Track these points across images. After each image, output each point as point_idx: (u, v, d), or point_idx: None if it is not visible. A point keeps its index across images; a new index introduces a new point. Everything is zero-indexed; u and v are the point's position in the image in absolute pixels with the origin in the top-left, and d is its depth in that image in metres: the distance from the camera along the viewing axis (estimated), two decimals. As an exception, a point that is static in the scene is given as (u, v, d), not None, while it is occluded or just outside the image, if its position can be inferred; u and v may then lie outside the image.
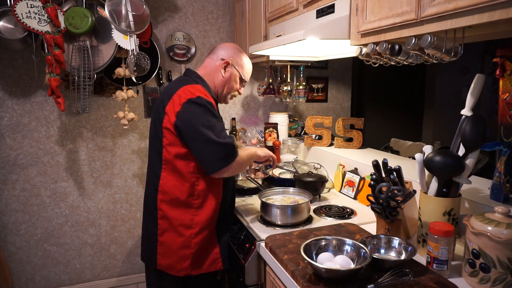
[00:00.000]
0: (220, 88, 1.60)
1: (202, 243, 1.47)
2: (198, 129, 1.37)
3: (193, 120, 1.37)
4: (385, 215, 1.29)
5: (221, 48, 1.62)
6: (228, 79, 1.58)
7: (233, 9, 2.82)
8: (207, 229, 1.48)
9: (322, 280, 1.06)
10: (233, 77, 1.60)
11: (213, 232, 1.51)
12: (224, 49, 1.61)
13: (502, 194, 1.31)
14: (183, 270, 1.46)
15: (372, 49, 1.36)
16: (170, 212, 1.45)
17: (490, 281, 1.01)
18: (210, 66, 1.59)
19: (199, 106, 1.39)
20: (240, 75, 1.61)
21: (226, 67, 1.57)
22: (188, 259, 1.45)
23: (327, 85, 3.22)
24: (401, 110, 3.97)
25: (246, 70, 1.65)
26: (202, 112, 1.39)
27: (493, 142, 1.40)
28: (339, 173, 2.02)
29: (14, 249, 2.50)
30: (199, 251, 1.47)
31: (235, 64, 1.59)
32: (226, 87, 1.60)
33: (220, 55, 1.59)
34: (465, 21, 0.98)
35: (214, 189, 1.48)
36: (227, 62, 1.57)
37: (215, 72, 1.58)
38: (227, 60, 1.57)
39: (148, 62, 2.33)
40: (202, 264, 1.49)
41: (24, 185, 2.47)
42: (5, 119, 2.38)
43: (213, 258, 1.51)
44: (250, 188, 1.95)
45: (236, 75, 1.60)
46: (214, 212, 1.49)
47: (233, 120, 2.90)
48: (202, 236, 1.46)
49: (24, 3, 1.98)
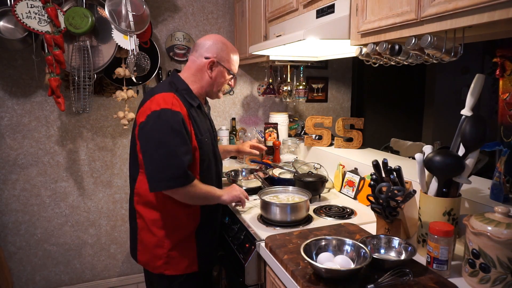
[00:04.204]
0: (209, 87, 1.54)
1: (177, 245, 1.48)
2: (150, 143, 1.35)
3: (148, 133, 1.36)
4: (385, 215, 1.29)
5: (203, 44, 1.52)
6: (215, 78, 1.52)
7: (233, 9, 2.82)
8: (182, 231, 1.50)
9: (322, 280, 1.06)
10: (221, 74, 1.53)
11: (191, 235, 1.52)
12: (206, 45, 1.51)
13: (502, 194, 1.31)
14: (157, 268, 1.50)
15: (372, 49, 1.36)
16: (144, 212, 1.49)
17: (490, 281, 1.01)
18: (195, 66, 1.52)
19: (159, 120, 1.34)
20: (227, 70, 1.54)
21: (212, 66, 1.50)
22: (161, 258, 1.49)
23: (327, 85, 3.23)
24: (401, 110, 3.97)
25: (234, 63, 1.57)
26: (159, 127, 1.34)
27: (493, 142, 1.40)
28: (339, 173, 2.02)
29: (14, 249, 2.51)
30: (173, 252, 1.49)
31: (221, 61, 1.51)
32: (215, 85, 1.55)
33: (204, 53, 1.50)
34: (465, 21, 0.98)
35: None
36: (212, 61, 1.49)
37: (200, 73, 1.51)
38: (212, 58, 1.49)
39: (148, 62, 2.33)
40: (178, 265, 1.50)
41: (24, 185, 2.47)
42: (5, 119, 2.38)
43: (190, 261, 1.53)
44: (250, 188, 1.95)
45: (223, 71, 1.53)
46: (190, 215, 1.50)
47: (233, 120, 2.90)
48: (176, 237, 1.48)
49: (24, 3, 1.99)
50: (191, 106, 1.48)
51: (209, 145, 1.54)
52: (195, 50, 1.53)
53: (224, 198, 1.53)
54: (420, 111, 4.13)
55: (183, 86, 1.50)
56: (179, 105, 1.41)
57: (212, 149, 1.57)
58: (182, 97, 1.46)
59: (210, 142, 1.55)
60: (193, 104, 1.48)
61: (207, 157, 1.52)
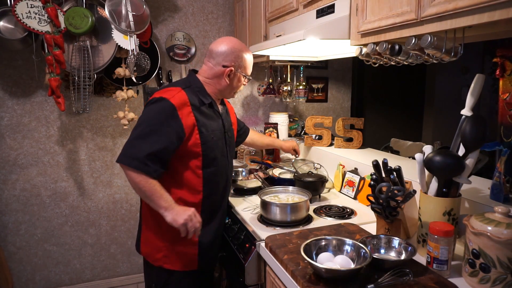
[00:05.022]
0: (225, 90, 1.58)
1: (176, 240, 1.48)
2: (137, 122, 1.43)
3: (141, 114, 1.46)
4: (385, 215, 1.29)
5: (220, 52, 1.53)
6: (232, 83, 1.57)
7: (233, 9, 2.82)
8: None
9: (322, 280, 1.06)
10: (238, 79, 1.58)
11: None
12: (224, 54, 1.52)
13: (502, 194, 1.31)
14: (157, 261, 1.53)
15: (372, 49, 1.36)
16: (148, 206, 1.50)
17: (490, 281, 1.01)
18: (212, 72, 1.54)
19: (152, 105, 1.42)
20: (244, 76, 1.59)
21: (230, 74, 1.54)
22: (161, 251, 1.52)
23: (327, 85, 3.23)
24: (401, 110, 3.97)
25: (249, 66, 1.60)
26: (149, 110, 1.43)
27: (493, 142, 1.40)
28: (339, 173, 2.02)
29: (14, 249, 2.51)
30: (174, 247, 1.51)
31: (238, 68, 1.55)
32: (232, 89, 1.60)
33: (222, 62, 1.53)
34: (465, 21, 0.98)
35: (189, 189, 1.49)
36: (230, 70, 1.52)
37: (217, 79, 1.55)
38: (230, 67, 1.52)
39: (148, 62, 2.33)
40: (177, 261, 1.52)
41: (24, 185, 2.47)
42: (5, 119, 2.38)
43: (190, 259, 1.53)
44: (250, 188, 1.95)
45: (240, 77, 1.58)
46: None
47: (233, 120, 2.90)
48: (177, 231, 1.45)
49: (24, 3, 1.99)
50: (203, 103, 1.50)
51: (217, 144, 1.54)
52: (212, 57, 1.54)
53: (166, 214, 1.38)
54: (420, 111, 4.13)
55: (197, 84, 1.54)
56: (181, 99, 1.43)
57: (221, 149, 1.57)
58: (194, 93, 1.49)
59: (220, 142, 1.56)
60: (204, 101, 1.50)
61: (212, 154, 1.51)
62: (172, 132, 1.39)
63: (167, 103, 1.40)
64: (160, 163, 1.39)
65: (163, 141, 1.38)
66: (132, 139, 1.39)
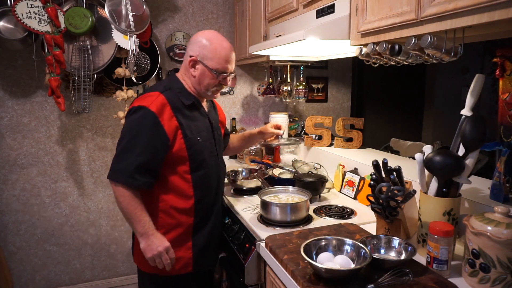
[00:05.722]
0: (197, 86, 1.50)
1: (172, 245, 1.45)
2: (120, 135, 1.41)
3: (123, 127, 1.43)
4: (385, 215, 1.29)
5: (191, 41, 1.48)
6: (199, 77, 1.47)
7: (233, 9, 2.82)
8: (175, 231, 1.48)
9: (322, 280, 1.06)
10: (204, 73, 1.46)
11: (187, 235, 1.50)
12: (192, 43, 1.47)
13: (502, 194, 1.31)
14: (151, 269, 1.48)
15: (372, 49, 1.36)
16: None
17: (490, 281, 1.01)
18: (184, 64, 1.50)
19: (132, 115, 1.39)
20: (209, 69, 1.45)
21: (194, 64, 1.46)
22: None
23: (327, 85, 3.23)
24: (401, 110, 3.97)
25: (221, 61, 1.45)
26: (129, 122, 1.40)
27: (493, 142, 1.40)
28: (339, 173, 2.02)
29: (14, 249, 2.51)
30: None
31: (203, 59, 1.44)
32: (202, 85, 1.48)
33: (189, 51, 1.46)
34: (465, 21, 0.98)
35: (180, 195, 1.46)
36: (193, 59, 1.45)
37: (187, 71, 1.49)
38: (194, 57, 1.44)
39: (148, 62, 2.33)
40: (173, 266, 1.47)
41: (24, 185, 2.47)
42: (5, 119, 2.38)
43: (185, 262, 1.51)
44: (250, 188, 1.95)
45: (205, 70, 1.45)
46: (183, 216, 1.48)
47: (233, 120, 2.90)
48: (170, 238, 1.46)
49: (24, 3, 1.99)
50: (185, 105, 1.46)
51: (205, 145, 1.51)
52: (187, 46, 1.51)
53: (140, 240, 1.40)
54: (420, 111, 4.13)
55: (177, 85, 1.49)
56: (161, 104, 1.39)
57: (210, 149, 1.54)
58: (175, 95, 1.45)
59: (208, 142, 1.53)
60: (184, 102, 1.46)
61: (200, 156, 1.48)
62: (156, 140, 1.36)
63: (147, 111, 1.36)
64: (149, 174, 1.38)
65: (148, 151, 1.35)
66: (118, 153, 1.38)
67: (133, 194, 1.37)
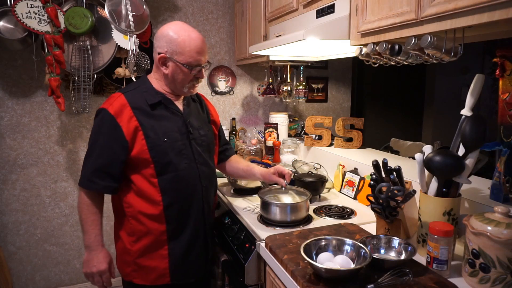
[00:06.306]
0: (171, 84, 1.41)
1: (145, 252, 1.41)
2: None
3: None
4: (385, 215, 1.29)
5: (156, 37, 1.37)
6: (172, 74, 1.37)
7: (233, 9, 2.82)
8: (147, 239, 1.41)
9: (322, 280, 1.06)
10: (177, 69, 1.36)
11: (162, 243, 1.42)
12: (158, 38, 1.36)
13: (502, 194, 1.31)
14: (127, 275, 1.47)
15: (372, 49, 1.36)
16: (116, 217, 1.51)
17: (490, 281, 1.01)
18: (155, 63, 1.40)
19: (95, 119, 1.39)
20: (182, 65, 1.34)
21: (164, 62, 1.36)
22: (130, 265, 1.45)
23: (327, 85, 3.23)
24: (401, 110, 3.97)
25: (191, 54, 1.34)
26: (93, 125, 1.40)
27: (493, 142, 1.40)
28: (339, 173, 2.02)
29: (14, 249, 2.50)
30: (141, 260, 1.42)
31: (172, 55, 1.34)
32: (177, 82, 1.39)
33: (157, 48, 1.36)
34: (465, 21, 0.98)
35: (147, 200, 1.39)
36: (162, 56, 1.34)
37: (158, 70, 1.39)
38: (162, 54, 1.34)
39: (148, 62, 2.33)
40: (147, 275, 1.43)
41: (24, 185, 2.47)
42: (5, 119, 2.38)
43: (161, 272, 1.43)
44: (250, 188, 1.95)
45: (179, 67, 1.35)
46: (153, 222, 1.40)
47: (233, 120, 2.90)
48: (142, 245, 1.41)
49: (24, 3, 1.99)
50: (149, 104, 1.37)
51: (173, 147, 1.39)
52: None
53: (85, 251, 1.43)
54: (420, 111, 4.13)
55: (144, 85, 1.42)
56: (119, 105, 1.34)
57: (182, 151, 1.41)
58: (139, 95, 1.38)
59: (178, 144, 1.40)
60: (149, 101, 1.38)
61: (166, 159, 1.37)
62: (114, 142, 1.32)
63: (104, 113, 1.33)
64: (110, 178, 1.34)
65: (106, 154, 1.32)
66: (84, 159, 1.39)
67: (91, 202, 1.37)
